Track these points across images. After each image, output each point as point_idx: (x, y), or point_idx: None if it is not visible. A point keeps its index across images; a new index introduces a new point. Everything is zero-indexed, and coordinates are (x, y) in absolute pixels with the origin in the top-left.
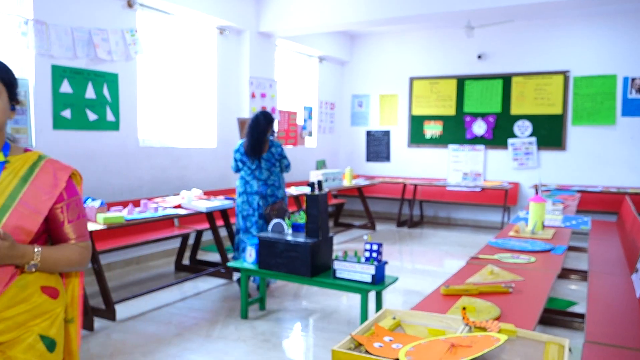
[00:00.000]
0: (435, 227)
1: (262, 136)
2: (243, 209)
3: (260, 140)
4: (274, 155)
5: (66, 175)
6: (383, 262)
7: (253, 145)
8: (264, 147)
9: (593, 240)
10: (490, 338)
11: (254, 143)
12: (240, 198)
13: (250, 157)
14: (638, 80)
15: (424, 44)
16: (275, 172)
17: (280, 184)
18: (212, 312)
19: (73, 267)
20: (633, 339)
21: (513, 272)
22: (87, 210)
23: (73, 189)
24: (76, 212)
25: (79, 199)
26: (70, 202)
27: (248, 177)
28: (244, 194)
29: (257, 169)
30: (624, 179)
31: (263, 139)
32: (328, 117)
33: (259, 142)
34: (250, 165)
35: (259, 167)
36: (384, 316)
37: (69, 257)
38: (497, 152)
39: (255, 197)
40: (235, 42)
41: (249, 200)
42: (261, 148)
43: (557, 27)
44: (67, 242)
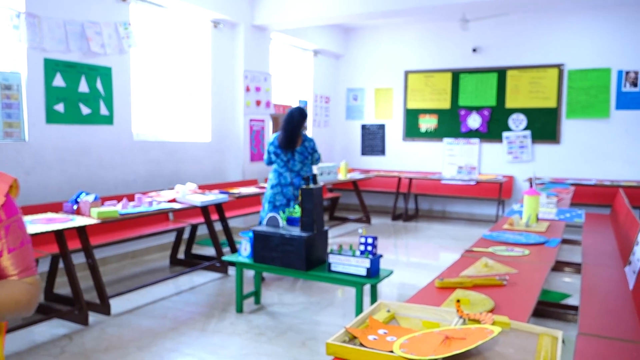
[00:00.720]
0: (430, 221)
1: (296, 130)
2: (276, 199)
3: (295, 134)
4: (307, 149)
5: (5, 188)
6: (378, 256)
7: (288, 138)
8: (298, 140)
9: (587, 233)
10: (484, 330)
11: (288, 137)
12: (273, 190)
13: (284, 150)
14: (632, 74)
15: (418, 37)
16: (307, 164)
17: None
18: (208, 306)
19: (20, 312)
20: (626, 331)
21: (507, 265)
22: (81, 204)
23: (12, 206)
24: (19, 236)
25: (19, 220)
26: (11, 224)
27: (281, 169)
28: (278, 186)
29: (291, 161)
30: (618, 172)
31: (297, 133)
32: (323, 110)
33: (293, 136)
34: (283, 158)
35: (292, 159)
36: (378, 309)
37: (15, 299)
38: (492, 146)
39: (290, 188)
40: (230, 35)
41: (283, 192)
42: (295, 142)
43: (551, 20)
44: (7, 277)
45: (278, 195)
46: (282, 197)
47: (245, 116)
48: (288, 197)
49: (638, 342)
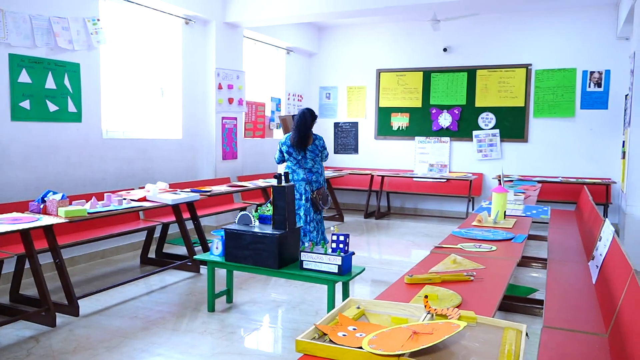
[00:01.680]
0: (403, 218)
1: (308, 131)
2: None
3: (307, 134)
4: (317, 147)
5: None
6: (350, 253)
7: (300, 138)
8: (309, 140)
9: (552, 229)
10: (450, 325)
11: (301, 136)
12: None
13: (297, 149)
14: (596, 74)
15: (391, 36)
16: (317, 161)
17: (321, 171)
18: (179, 305)
19: None
20: (589, 323)
21: (475, 261)
22: (48, 204)
23: None
24: None
25: None
26: None
27: (294, 166)
28: (292, 181)
29: (303, 159)
30: (583, 169)
31: (309, 133)
32: (296, 108)
33: (305, 136)
34: (296, 156)
35: (304, 157)
36: (348, 306)
37: None
38: (462, 144)
39: (302, 183)
40: (201, 32)
41: (296, 187)
42: (307, 141)
43: (519, 21)
44: None
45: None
46: (295, 192)
47: (217, 114)
48: (300, 192)
49: (599, 334)
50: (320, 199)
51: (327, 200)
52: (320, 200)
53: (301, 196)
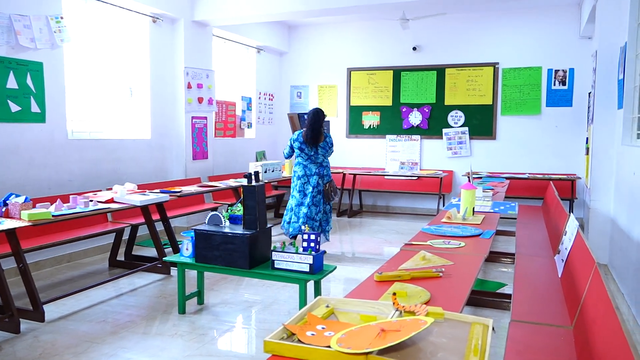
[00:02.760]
0: (375, 216)
1: (321, 128)
2: (304, 188)
3: (319, 132)
4: (327, 144)
5: None
6: (321, 252)
7: (313, 135)
8: (321, 137)
9: (520, 225)
10: (418, 321)
11: (314, 134)
12: (301, 180)
13: (309, 145)
14: (561, 72)
15: (361, 35)
16: (326, 156)
17: (329, 166)
18: (149, 308)
19: None
20: (555, 316)
21: (444, 257)
22: (10, 207)
23: None
24: None
25: None
26: None
27: (305, 162)
28: (304, 176)
29: (315, 154)
30: (549, 165)
31: (321, 131)
32: (267, 107)
33: (318, 133)
34: (308, 152)
35: (316, 153)
36: (317, 304)
37: None
38: (433, 142)
39: (315, 177)
40: (169, 31)
41: (309, 181)
42: (319, 138)
43: (487, 20)
44: None
45: (306, 185)
46: (309, 185)
47: (187, 113)
48: (313, 186)
49: (565, 327)
50: (332, 190)
51: (336, 191)
52: (332, 191)
53: (313, 189)
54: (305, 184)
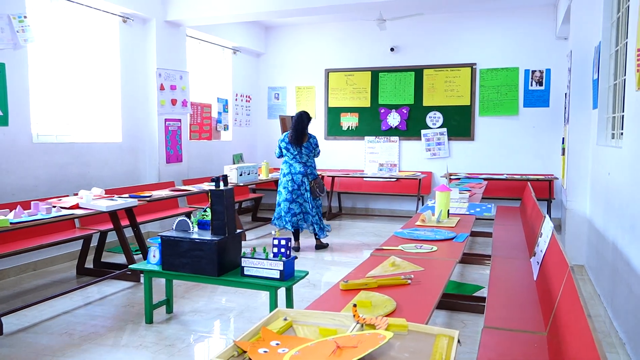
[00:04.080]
0: (354, 218)
1: (304, 130)
2: (289, 185)
3: (303, 133)
4: (311, 144)
5: None
6: (292, 258)
7: (297, 136)
8: (305, 138)
9: (497, 226)
10: (377, 336)
11: (298, 135)
12: (286, 177)
13: (294, 146)
14: (538, 73)
15: (338, 36)
16: (311, 156)
17: (315, 165)
18: (116, 318)
19: None
20: (529, 322)
21: (415, 263)
22: None
23: None
24: None
25: None
26: None
27: (291, 160)
28: (289, 174)
29: (299, 154)
30: (527, 166)
31: (305, 132)
32: (244, 109)
33: (302, 134)
34: (293, 152)
35: (300, 153)
36: (275, 317)
37: None
38: (411, 143)
39: (299, 175)
40: (141, 31)
41: (294, 179)
42: (303, 139)
43: (464, 21)
44: None
45: (290, 182)
46: (293, 182)
47: (160, 116)
48: (298, 183)
49: (539, 333)
50: (318, 187)
51: (323, 188)
52: (318, 188)
53: (298, 186)
54: (289, 181)
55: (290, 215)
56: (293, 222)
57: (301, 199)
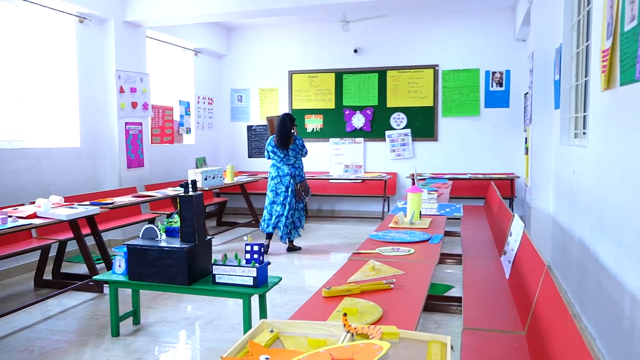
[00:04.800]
0: (320, 221)
1: (289, 133)
2: (278, 187)
3: (288, 136)
4: (297, 146)
5: None
6: (265, 263)
7: (282, 139)
8: (290, 140)
9: (465, 225)
10: (372, 347)
11: (282, 138)
12: (274, 180)
13: (280, 148)
14: (498, 74)
15: (302, 37)
16: (299, 158)
17: (302, 167)
18: (79, 332)
19: None
20: (506, 322)
21: (394, 266)
22: None
23: None
24: None
25: None
26: None
27: (279, 163)
28: (278, 177)
29: (286, 156)
30: (489, 165)
31: (289, 135)
32: (206, 112)
33: (287, 137)
34: (280, 155)
35: (287, 155)
36: (260, 329)
37: None
38: (376, 144)
39: (287, 177)
40: (99, 31)
41: (282, 181)
42: (288, 141)
43: (426, 23)
44: None
45: (279, 185)
46: (282, 185)
47: (120, 119)
48: (286, 185)
49: (517, 332)
50: (303, 189)
51: (308, 191)
52: (303, 190)
53: (286, 188)
54: (277, 184)
55: (275, 217)
56: (275, 223)
57: (286, 201)
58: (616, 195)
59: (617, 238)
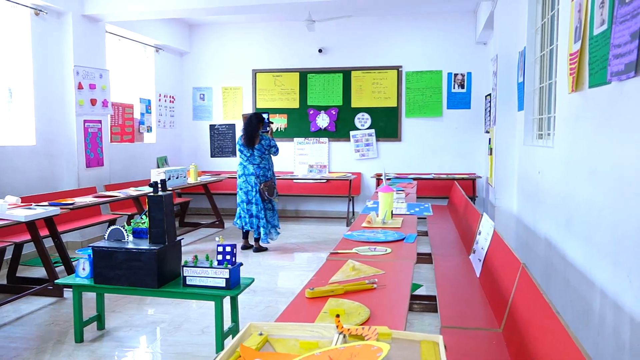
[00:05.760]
0: (285, 221)
1: (254, 132)
2: (243, 186)
3: (253, 135)
4: (263, 146)
5: None
6: (238, 264)
7: (247, 138)
8: (256, 140)
9: (432, 225)
10: (370, 348)
11: (248, 137)
12: (240, 179)
13: (247, 148)
14: (460, 76)
15: (266, 36)
16: (265, 158)
17: (269, 166)
18: (39, 338)
19: None
20: (482, 320)
21: (373, 266)
22: None
23: None
24: None
25: None
26: None
27: (245, 162)
28: (243, 175)
29: (252, 156)
30: (452, 165)
31: (255, 134)
32: (168, 110)
33: (252, 136)
34: (246, 153)
35: (252, 154)
36: (249, 333)
37: None
38: (340, 144)
39: (252, 177)
40: (55, 25)
41: (247, 180)
42: (254, 141)
43: (390, 24)
44: None
45: (244, 183)
46: (247, 184)
47: (78, 116)
48: (251, 184)
49: (493, 329)
50: (267, 189)
51: (273, 191)
52: (267, 191)
53: (252, 187)
54: (244, 182)
55: (248, 216)
56: (251, 222)
57: (254, 200)
58: (585, 193)
59: (586, 236)
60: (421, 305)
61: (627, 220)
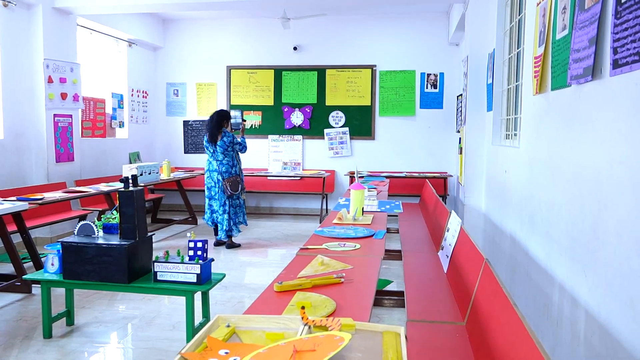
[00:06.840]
0: (258, 218)
1: (215, 129)
2: (207, 182)
3: (215, 132)
4: (225, 142)
5: None
6: (209, 260)
7: (210, 135)
8: (218, 137)
9: (402, 222)
10: (332, 338)
11: (210, 134)
12: (206, 174)
13: (210, 144)
14: (432, 76)
15: (241, 33)
16: (229, 154)
17: (234, 163)
18: (5, 335)
19: None
20: (447, 313)
21: (342, 261)
22: None
23: None
24: None
25: None
26: None
27: (210, 158)
28: (207, 171)
29: (215, 152)
30: (424, 164)
31: (217, 131)
32: (141, 106)
33: (214, 133)
34: (210, 150)
35: (215, 151)
36: (216, 325)
37: None
38: (315, 142)
39: (214, 173)
40: (25, 17)
41: (210, 176)
42: (216, 137)
43: (365, 24)
44: None
45: (208, 179)
46: (211, 179)
47: (48, 110)
48: (215, 181)
49: (457, 323)
50: (230, 185)
51: (236, 187)
52: (229, 186)
53: (215, 184)
54: (207, 178)
55: (210, 212)
56: (213, 218)
57: (217, 197)
58: (546, 192)
59: (547, 232)
60: (391, 301)
61: (583, 219)
